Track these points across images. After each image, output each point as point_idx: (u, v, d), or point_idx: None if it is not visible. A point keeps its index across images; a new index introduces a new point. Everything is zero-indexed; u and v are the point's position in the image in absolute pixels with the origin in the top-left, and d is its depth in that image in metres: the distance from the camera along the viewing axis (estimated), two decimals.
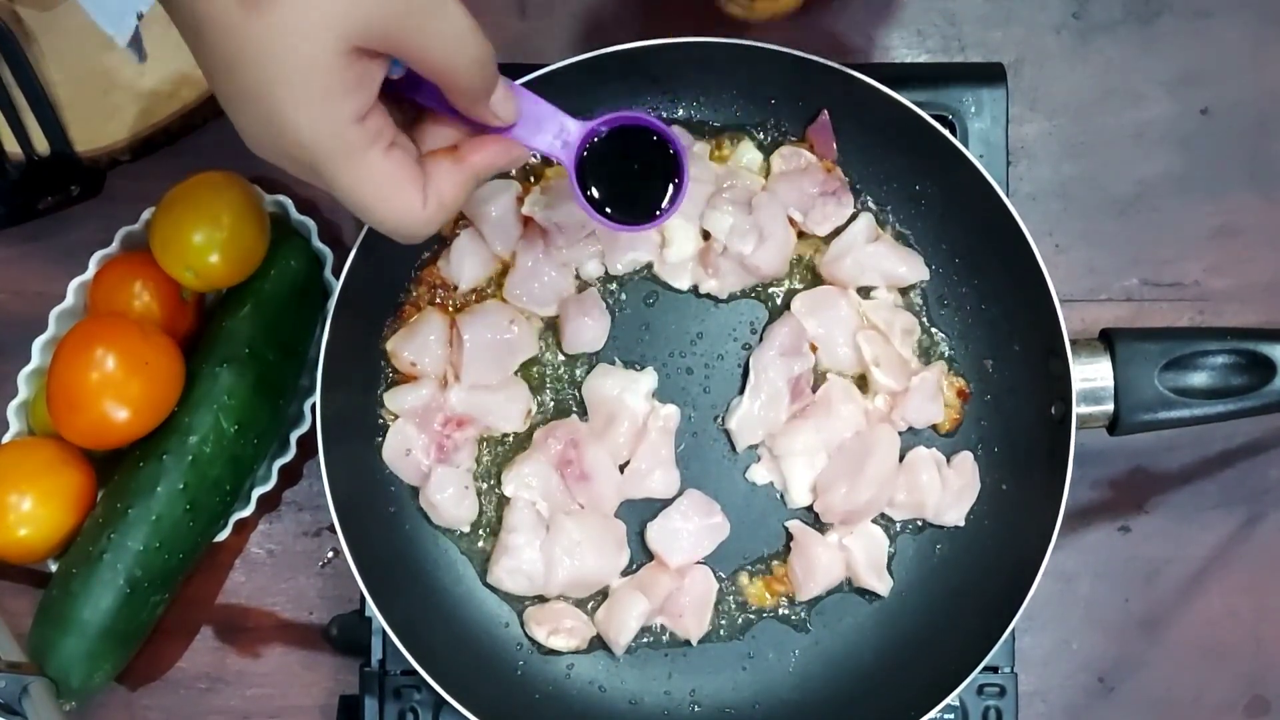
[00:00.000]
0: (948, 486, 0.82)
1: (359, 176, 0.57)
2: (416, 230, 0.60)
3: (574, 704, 0.82)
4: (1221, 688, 0.88)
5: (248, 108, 0.55)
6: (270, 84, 0.54)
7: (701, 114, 0.85)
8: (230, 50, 0.54)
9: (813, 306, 0.84)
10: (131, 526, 0.80)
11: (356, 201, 0.58)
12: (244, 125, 0.57)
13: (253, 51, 0.53)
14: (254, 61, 0.54)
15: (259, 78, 0.54)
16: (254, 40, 0.53)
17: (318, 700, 0.87)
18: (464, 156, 0.63)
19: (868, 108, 0.80)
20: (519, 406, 0.83)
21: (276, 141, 0.56)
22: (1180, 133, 0.91)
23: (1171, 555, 0.89)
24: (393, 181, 0.58)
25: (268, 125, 0.55)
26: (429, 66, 0.57)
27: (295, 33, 0.53)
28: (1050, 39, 0.91)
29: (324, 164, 0.57)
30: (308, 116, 0.55)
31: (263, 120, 0.55)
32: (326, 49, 0.54)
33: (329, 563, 0.88)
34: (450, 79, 0.59)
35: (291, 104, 0.54)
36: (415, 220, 0.60)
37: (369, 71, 0.56)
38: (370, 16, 0.54)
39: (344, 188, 0.58)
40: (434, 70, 0.58)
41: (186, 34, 0.56)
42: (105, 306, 0.84)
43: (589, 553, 0.81)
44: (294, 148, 0.56)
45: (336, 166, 0.57)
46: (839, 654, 0.83)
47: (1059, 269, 0.89)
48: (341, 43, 0.54)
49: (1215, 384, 0.79)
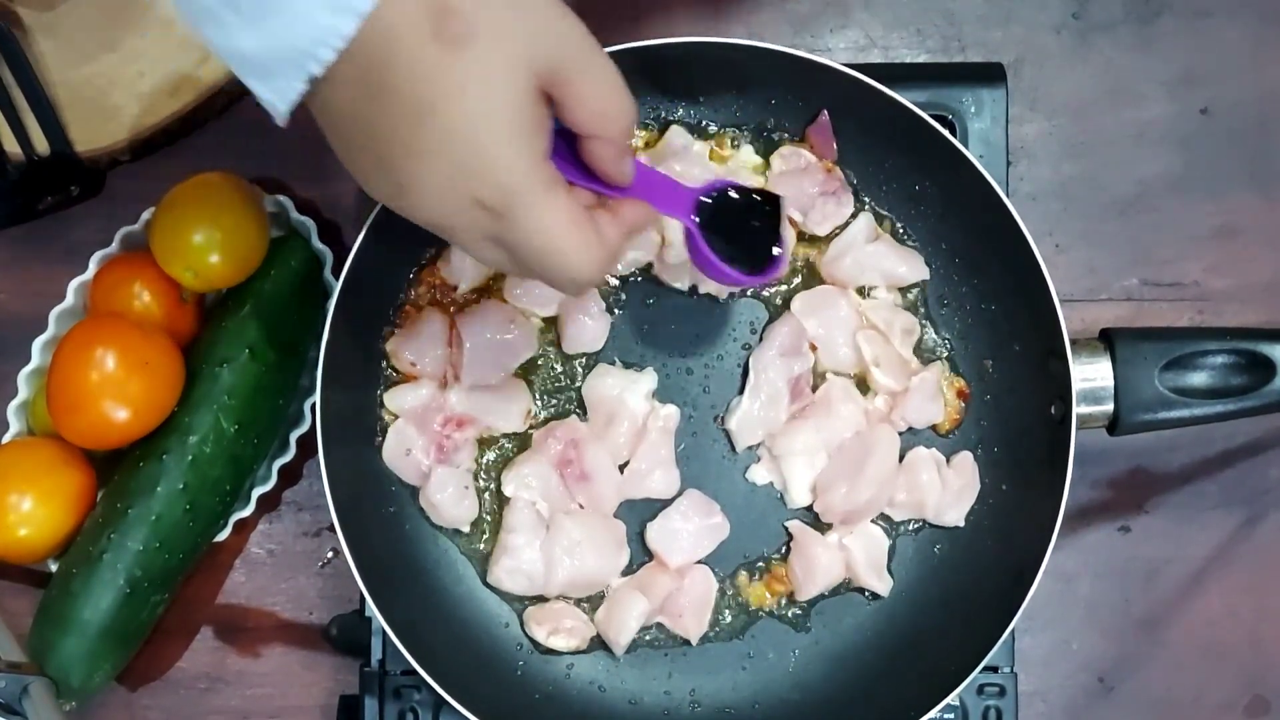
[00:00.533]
0: (948, 486, 0.82)
1: (551, 212, 0.57)
2: (588, 274, 0.60)
3: (574, 704, 0.82)
4: (1221, 688, 0.88)
5: (441, 153, 0.55)
6: (473, 121, 0.54)
7: (701, 114, 0.85)
8: (426, 94, 0.53)
9: (813, 306, 0.84)
10: (131, 526, 0.80)
11: (543, 242, 0.58)
12: (423, 177, 0.56)
13: (452, 91, 0.53)
14: (454, 101, 0.53)
15: (460, 116, 0.54)
16: (454, 79, 0.53)
17: (318, 700, 0.87)
18: (617, 209, 0.63)
19: (868, 108, 0.80)
20: (519, 406, 0.83)
21: (466, 185, 0.55)
22: (1180, 133, 0.91)
23: (1171, 555, 0.89)
24: (577, 220, 0.58)
25: (461, 169, 0.55)
26: (586, 110, 0.58)
27: (493, 68, 0.54)
28: (1050, 39, 0.91)
29: (519, 201, 0.56)
30: (511, 151, 0.55)
31: (456, 164, 0.55)
32: (521, 85, 0.55)
33: (329, 563, 0.88)
34: (602, 125, 0.60)
35: (496, 140, 0.54)
36: (594, 260, 0.59)
37: (546, 114, 0.57)
38: (550, 55, 0.55)
39: (533, 227, 0.57)
40: (590, 114, 0.58)
41: (359, 96, 0.54)
42: (105, 306, 0.84)
43: (589, 553, 0.81)
44: (489, 188, 0.55)
45: (531, 203, 0.56)
46: (839, 654, 0.83)
47: (1059, 269, 0.89)
48: (531, 79, 0.55)
49: (1215, 384, 0.79)
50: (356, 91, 0.55)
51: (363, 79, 0.54)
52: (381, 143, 0.56)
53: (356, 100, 0.55)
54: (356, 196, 0.89)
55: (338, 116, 0.56)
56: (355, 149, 0.57)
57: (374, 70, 0.54)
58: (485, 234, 0.58)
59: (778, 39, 0.91)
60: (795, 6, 0.91)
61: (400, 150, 0.55)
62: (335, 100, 0.55)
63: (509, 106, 0.55)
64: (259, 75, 0.55)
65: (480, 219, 0.57)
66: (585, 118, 0.59)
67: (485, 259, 0.60)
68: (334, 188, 0.89)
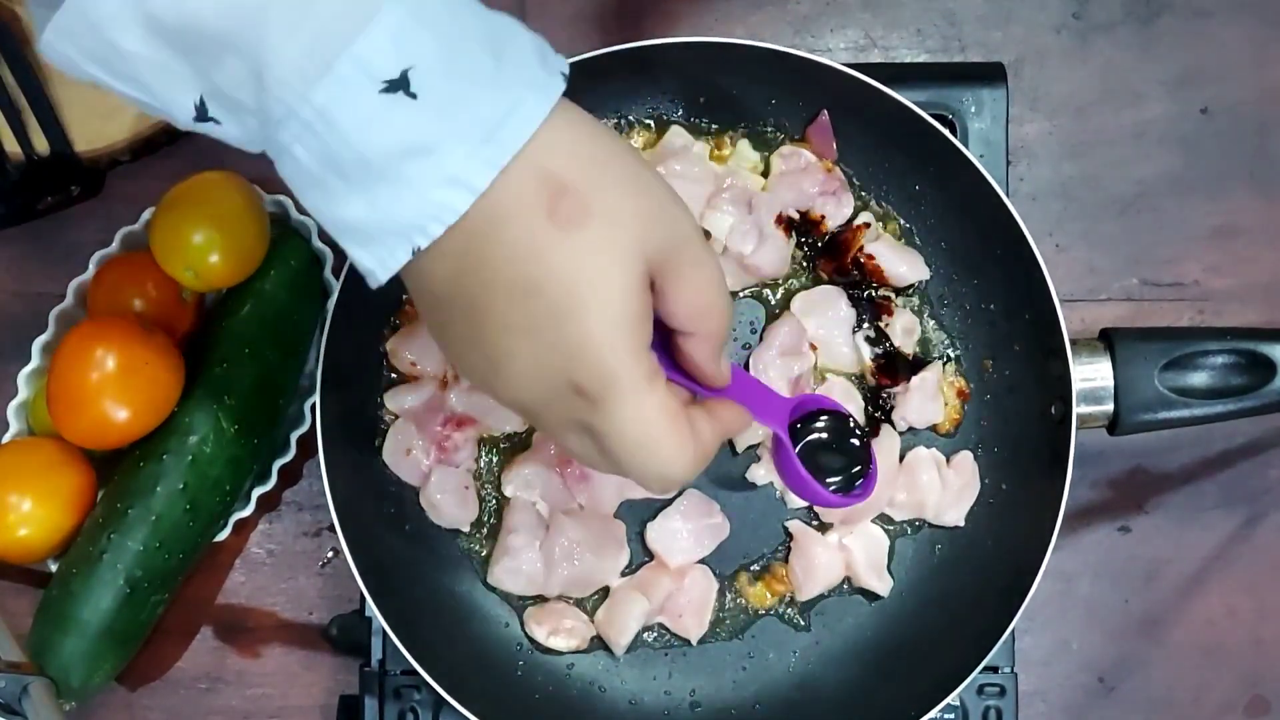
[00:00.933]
0: (948, 486, 0.82)
1: (649, 404, 0.55)
2: (681, 473, 0.57)
3: (574, 704, 0.82)
4: (1221, 688, 0.88)
5: (542, 333, 0.53)
6: (580, 305, 0.52)
7: (701, 114, 0.85)
8: (533, 273, 0.52)
9: (813, 306, 0.84)
10: (131, 526, 0.80)
11: (638, 434, 0.55)
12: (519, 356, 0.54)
13: (561, 272, 0.52)
14: (563, 282, 0.52)
15: (567, 298, 0.52)
16: (565, 260, 0.52)
17: (318, 700, 0.87)
18: (713, 410, 0.61)
19: (868, 108, 0.80)
20: None
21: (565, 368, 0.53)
22: (1180, 133, 0.91)
23: (1171, 555, 0.89)
24: (675, 415, 0.56)
25: (562, 351, 0.53)
26: (688, 304, 0.56)
27: (606, 253, 0.52)
28: (1050, 39, 0.91)
29: (619, 390, 0.54)
30: (617, 337, 0.53)
31: (557, 346, 0.53)
32: (633, 272, 0.53)
33: (329, 563, 0.88)
34: (702, 321, 0.58)
35: (602, 324, 0.53)
36: (687, 459, 0.57)
37: (650, 303, 0.55)
38: (661, 243, 0.54)
39: (629, 416, 0.55)
40: (692, 308, 0.57)
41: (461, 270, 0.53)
42: (105, 306, 0.84)
43: (589, 553, 0.81)
44: (588, 373, 0.53)
45: (631, 391, 0.54)
46: (839, 654, 0.83)
47: (1059, 269, 0.89)
48: (642, 265, 0.53)
49: (1215, 384, 0.79)
50: (458, 265, 0.53)
51: (466, 253, 0.53)
52: (479, 317, 0.54)
53: (457, 274, 0.53)
54: None
55: (434, 287, 0.54)
56: (448, 321, 0.55)
57: (481, 245, 0.52)
58: (575, 422, 0.56)
59: (778, 39, 0.91)
60: (795, 6, 0.91)
61: (497, 326, 0.54)
62: (433, 272, 0.54)
63: (618, 294, 0.53)
64: (360, 242, 0.53)
65: (574, 405, 0.55)
66: (686, 311, 0.57)
67: (571, 448, 0.58)
68: None
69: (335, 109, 0.49)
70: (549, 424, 0.57)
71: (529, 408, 0.56)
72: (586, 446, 0.57)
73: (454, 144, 0.50)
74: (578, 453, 0.58)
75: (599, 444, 0.57)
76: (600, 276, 0.53)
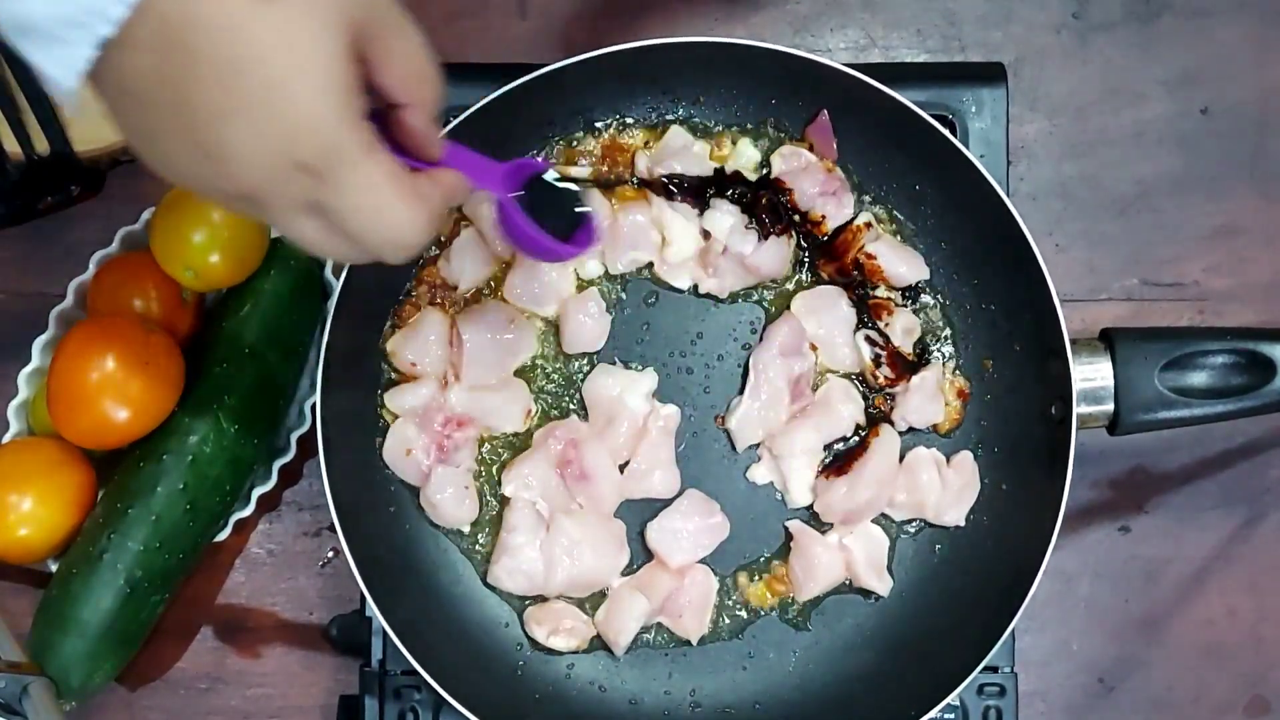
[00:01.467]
0: (948, 486, 0.82)
1: (375, 170, 0.55)
2: (415, 236, 0.58)
3: (574, 704, 0.82)
4: (1221, 688, 0.88)
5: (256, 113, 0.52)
6: (291, 77, 0.51)
7: (701, 114, 0.85)
8: (238, 51, 0.51)
9: (813, 306, 0.84)
10: (131, 526, 0.80)
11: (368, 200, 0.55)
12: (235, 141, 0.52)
13: (266, 46, 0.51)
14: (268, 57, 0.51)
15: (276, 72, 0.51)
16: (267, 35, 0.51)
17: (318, 700, 0.87)
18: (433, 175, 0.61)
19: (868, 108, 0.80)
20: (519, 406, 0.83)
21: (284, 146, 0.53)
22: (1180, 133, 0.91)
23: (1171, 555, 0.89)
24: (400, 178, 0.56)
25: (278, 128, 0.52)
26: (398, 73, 0.56)
27: (307, 24, 0.52)
28: (1050, 39, 0.91)
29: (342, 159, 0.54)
30: (332, 108, 0.53)
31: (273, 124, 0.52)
32: (336, 41, 0.52)
33: (329, 563, 0.88)
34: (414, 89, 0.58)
35: (315, 97, 0.52)
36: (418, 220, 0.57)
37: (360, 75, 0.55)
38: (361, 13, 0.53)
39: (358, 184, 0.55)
40: (402, 76, 0.57)
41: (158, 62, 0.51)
42: (105, 306, 0.84)
43: (589, 553, 0.81)
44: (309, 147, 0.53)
45: (355, 160, 0.54)
46: (839, 654, 0.83)
47: (1059, 269, 0.89)
48: (345, 36, 0.53)
49: (1215, 384, 0.79)
50: (155, 58, 0.51)
51: (162, 41, 0.50)
52: (188, 108, 0.52)
53: (155, 67, 0.51)
54: None
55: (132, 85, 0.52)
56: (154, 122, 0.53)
57: (175, 29, 0.50)
58: (303, 201, 0.55)
59: (778, 39, 0.91)
60: (795, 6, 0.91)
61: (208, 114, 0.52)
62: (129, 67, 0.51)
63: (326, 62, 0.52)
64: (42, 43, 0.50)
65: (299, 183, 0.54)
66: (396, 81, 0.57)
67: (305, 235, 0.56)
68: None
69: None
70: (277, 211, 0.55)
71: (254, 194, 0.54)
72: (316, 228, 0.56)
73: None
74: (312, 239, 0.57)
75: (331, 220, 0.56)
76: (307, 45, 0.52)
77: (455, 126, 0.79)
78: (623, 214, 0.83)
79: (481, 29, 0.91)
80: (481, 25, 0.91)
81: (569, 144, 0.84)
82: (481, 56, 0.90)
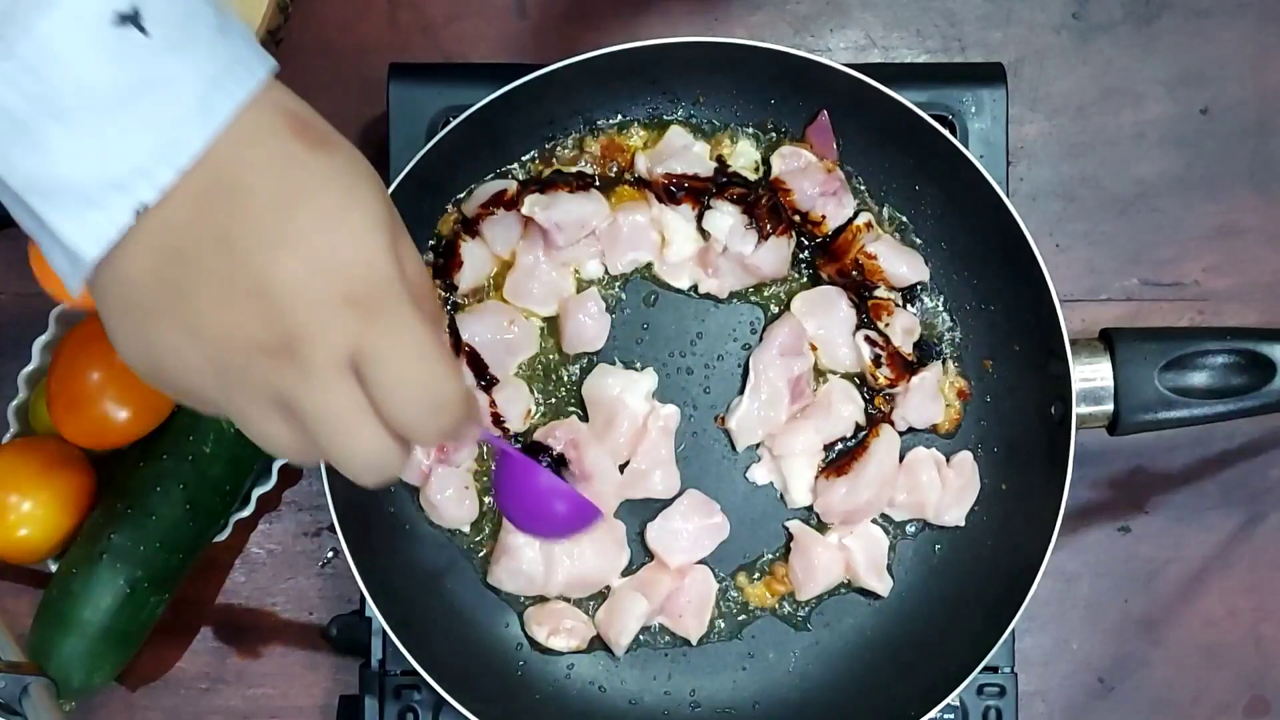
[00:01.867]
0: (948, 486, 0.82)
1: (422, 319, 0.51)
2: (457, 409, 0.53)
3: (574, 704, 0.82)
4: (1221, 688, 0.88)
5: (309, 242, 0.49)
6: (347, 206, 0.50)
7: (701, 114, 0.85)
8: (293, 184, 0.49)
9: (813, 306, 0.84)
10: (131, 526, 0.80)
11: (417, 345, 0.51)
12: (284, 271, 0.49)
13: (322, 179, 0.50)
14: (325, 188, 0.50)
15: (331, 201, 0.50)
16: (324, 169, 0.50)
17: (318, 700, 0.87)
18: None
19: (868, 108, 0.80)
20: (519, 406, 0.83)
21: (337, 278, 0.49)
22: (1180, 133, 0.91)
23: (1171, 555, 0.89)
24: (441, 339, 0.53)
25: (332, 260, 0.49)
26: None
27: (360, 167, 0.51)
28: (1050, 39, 0.91)
29: (395, 297, 0.50)
30: (382, 243, 0.50)
31: (326, 255, 0.49)
32: (383, 191, 0.52)
33: (329, 563, 0.88)
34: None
35: (365, 227, 0.50)
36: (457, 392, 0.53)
37: None
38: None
39: (407, 325, 0.51)
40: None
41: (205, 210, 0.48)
42: None
43: (589, 552, 0.81)
44: (362, 281, 0.50)
45: (406, 301, 0.51)
46: (839, 654, 0.83)
47: (1059, 269, 0.89)
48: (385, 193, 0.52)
49: (1215, 384, 0.79)
50: (193, 209, 0.48)
51: (209, 187, 0.48)
52: (226, 248, 0.48)
53: (196, 218, 0.48)
54: None
55: (160, 246, 0.49)
56: (179, 279, 0.49)
57: (227, 173, 0.48)
58: (348, 346, 0.50)
59: (778, 39, 0.91)
60: (795, 6, 0.91)
61: (258, 246, 0.49)
62: (162, 226, 0.48)
63: (376, 202, 0.51)
64: (71, 206, 0.47)
65: (347, 322, 0.49)
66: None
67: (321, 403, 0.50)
68: None
69: (60, 40, 0.45)
70: (317, 351, 0.49)
71: (299, 332, 0.49)
72: (348, 391, 0.50)
73: (190, 78, 0.48)
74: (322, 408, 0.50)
75: (373, 371, 0.51)
76: (359, 185, 0.51)
77: (455, 126, 0.79)
78: (623, 214, 0.83)
79: (481, 29, 0.91)
80: (481, 25, 0.91)
81: (569, 144, 0.84)
82: (481, 56, 0.90)
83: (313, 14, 0.90)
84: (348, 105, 0.89)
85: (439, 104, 0.82)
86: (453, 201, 0.83)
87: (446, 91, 0.83)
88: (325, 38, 0.90)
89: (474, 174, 0.83)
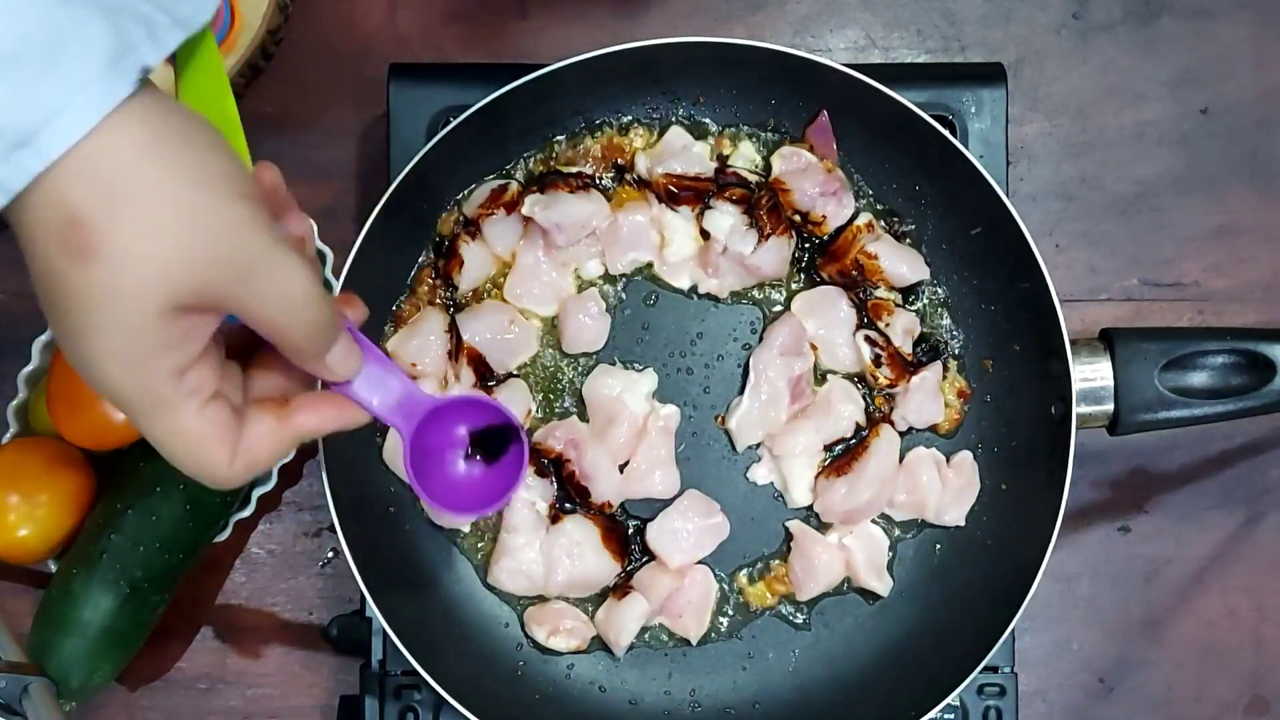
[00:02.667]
0: (948, 486, 0.82)
1: (166, 431, 0.56)
2: (219, 484, 0.58)
3: (574, 704, 0.82)
4: (1221, 688, 0.88)
5: (66, 344, 0.54)
6: (87, 336, 0.53)
7: (701, 114, 0.85)
8: (53, 292, 0.52)
9: (813, 306, 0.84)
10: (131, 526, 0.80)
11: (164, 452, 0.58)
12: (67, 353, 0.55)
13: (73, 301, 0.52)
14: (73, 310, 0.52)
15: (77, 326, 0.53)
16: (75, 291, 0.51)
17: (318, 700, 0.87)
18: (290, 416, 0.60)
19: (868, 108, 0.80)
20: (519, 406, 0.83)
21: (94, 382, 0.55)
22: (1180, 133, 0.91)
23: (1171, 555, 0.89)
24: (200, 439, 0.57)
25: (86, 368, 0.54)
26: (258, 325, 0.55)
27: (114, 292, 0.51)
28: (1050, 39, 0.91)
29: (133, 416, 0.56)
30: (121, 373, 0.54)
31: (81, 362, 0.54)
32: (145, 312, 0.52)
33: (329, 563, 0.88)
34: (281, 339, 0.56)
35: (105, 358, 0.53)
36: (218, 477, 0.58)
37: (195, 326, 0.54)
38: (194, 278, 0.52)
39: (152, 438, 0.57)
40: (264, 329, 0.55)
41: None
42: None
43: (589, 553, 0.81)
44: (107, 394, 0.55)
45: (145, 421, 0.56)
46: (839, 654, 0.83)
47: (1059, 269, 0.89)
48: (163, 303, 0.52)
49: (1215, 384, 0.79)
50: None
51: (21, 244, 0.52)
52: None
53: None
54: (357, 196, 0.89)
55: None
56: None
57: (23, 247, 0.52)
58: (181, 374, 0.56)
59: (778, 39, 0.91)
60: (795, 6, 0.91)
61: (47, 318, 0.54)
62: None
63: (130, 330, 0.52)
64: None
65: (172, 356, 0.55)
66: (260, 330, 0.56)
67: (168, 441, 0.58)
68: (334, 186, 0.89)
69: None
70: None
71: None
72: None
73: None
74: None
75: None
76: (108, 314, 0.52)
77: (455, 126, 0.79)
78: (623, 214, 0.83)
79: (481, 29, 0.91)
80: (481, 25, 0.91)
81: (569, 144, 0.84)
82: (481, 56, 0.90)
83: (313, 14, 0.90)
84: (347, 105, 0.89)
85: (439, 104, 0.82)
86: (453, 201, 0.83)
87: (446, 91, 0.83)
88: (325, 38, 0.90)
89: (474, 174, 0.83)
